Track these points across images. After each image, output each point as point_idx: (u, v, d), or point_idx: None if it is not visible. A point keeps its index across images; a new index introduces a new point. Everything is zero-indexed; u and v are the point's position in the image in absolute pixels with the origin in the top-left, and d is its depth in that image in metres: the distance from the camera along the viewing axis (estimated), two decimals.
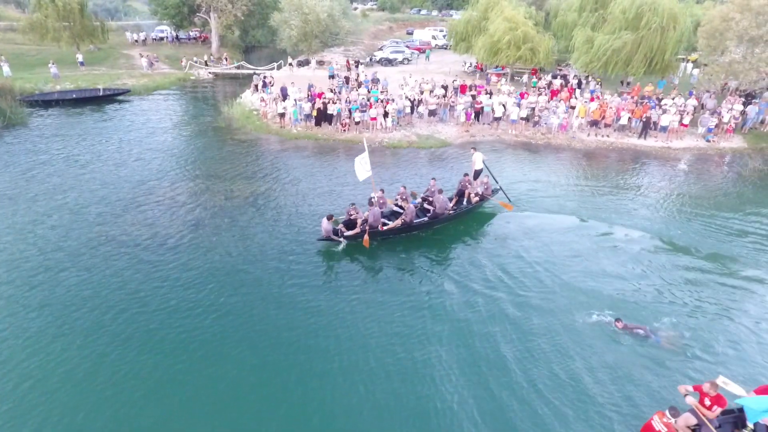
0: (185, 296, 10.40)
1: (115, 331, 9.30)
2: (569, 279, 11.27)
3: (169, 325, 9.49)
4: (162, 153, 19.71)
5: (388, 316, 9.93)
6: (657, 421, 6.65)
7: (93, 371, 8.33)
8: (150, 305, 10.07)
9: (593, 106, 22.95)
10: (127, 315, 9.76)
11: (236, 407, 7.72)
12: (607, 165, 19.55)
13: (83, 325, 9.42)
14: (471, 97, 24.56)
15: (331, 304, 10.24)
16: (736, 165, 19.81)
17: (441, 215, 13.47)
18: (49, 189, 15.71)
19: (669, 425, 6.54)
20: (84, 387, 8.01)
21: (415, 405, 7.79)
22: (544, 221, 14.34)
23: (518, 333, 9.47)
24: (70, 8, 34.46)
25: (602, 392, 8.08)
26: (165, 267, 11.46)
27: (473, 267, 11.82)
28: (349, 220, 12.80)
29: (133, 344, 8.96)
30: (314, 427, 7.43)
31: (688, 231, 13.82)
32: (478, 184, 15.10)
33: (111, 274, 11.11)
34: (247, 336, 9.29)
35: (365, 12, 71.17)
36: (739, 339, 9.43)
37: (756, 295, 10.94)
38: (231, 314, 9.89)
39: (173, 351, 8.83)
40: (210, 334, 9.30)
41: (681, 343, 9.15)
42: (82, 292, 10.44)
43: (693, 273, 11.70)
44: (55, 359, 8.56)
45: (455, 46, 36.73)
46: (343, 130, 22.34)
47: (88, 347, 8.85)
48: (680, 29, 25.44)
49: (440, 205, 13.27)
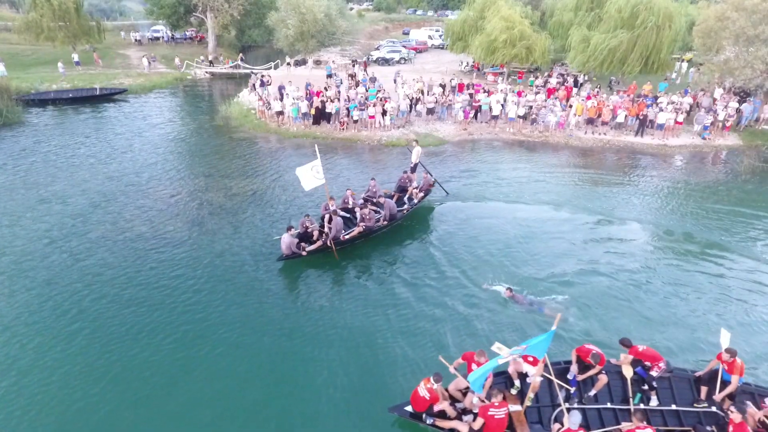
0: (176, 293, 10.42)
1: (110, 327, 9.32)
2: (497, 260, 11.93)
3: (165, 320, 9.51)
4: (159, 151, 19.70)
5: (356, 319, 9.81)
6: (422, 387, 6.83)
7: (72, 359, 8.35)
8: (138, 301, 10.09)
9: (590, 104, 23.10)
10: (110, 310, 9.79)
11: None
12: (603, 161, 19.70)
13: (78, 319, 9.44)
14: (468, 95, 24.65)
15: (299, 322, 9.73)
16: (732, 162, 20.01)
17: (396, 216, 13.10)
18: (45, 186, 15.66)
19: (431, 390, 6.75)
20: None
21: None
22: (482, 209, 14.91)
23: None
24: (66, 8, 34.33)
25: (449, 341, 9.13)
26: (161, 264, 11.46)
27: (423, 261, 11.98)
28: (305, 232, 11.96)
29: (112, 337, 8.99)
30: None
31: (678, 222, 14.05)
32: (415, 179, 14.94)
33: (103, 271, 11.11)
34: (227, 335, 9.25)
35: (361, 12, 71.23)
36: (632, 315, 9.92)
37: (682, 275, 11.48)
38: (232, 307, 9.92)
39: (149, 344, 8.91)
40: (202, 329, 9.32)
41: (563, 315, 9.47)
42: (79, 287, 10.44)
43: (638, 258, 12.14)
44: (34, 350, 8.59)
45: (452, 46, 36.84)
46: (341, 129, 22.36)
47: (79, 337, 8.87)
48: (675, 28, 25.67)
49: (389, 207, 12.79)
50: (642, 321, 9.79)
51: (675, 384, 7.58)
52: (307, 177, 12.01)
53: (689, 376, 7.70)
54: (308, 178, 12.02)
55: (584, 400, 7.32)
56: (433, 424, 6.83)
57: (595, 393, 7.36)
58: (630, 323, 9.65)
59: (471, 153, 20.47)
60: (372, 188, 13.94)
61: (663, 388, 7.51)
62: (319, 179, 12.14)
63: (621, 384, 7.43)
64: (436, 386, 6.82)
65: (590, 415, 7.16)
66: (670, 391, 7.53)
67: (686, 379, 7.67)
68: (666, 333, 9.41)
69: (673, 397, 7.46)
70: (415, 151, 16.33)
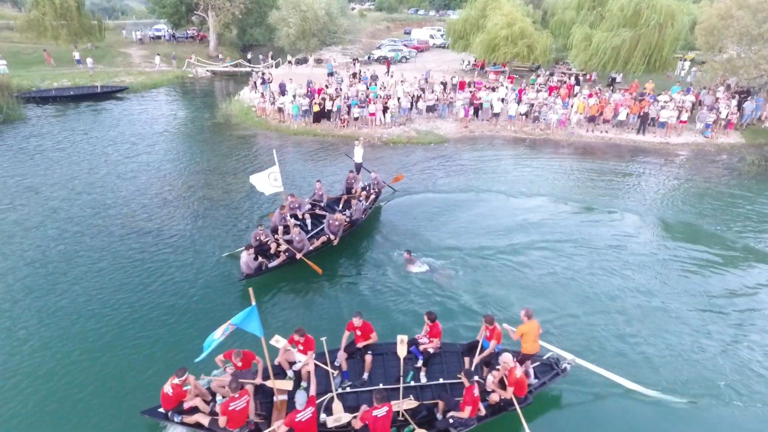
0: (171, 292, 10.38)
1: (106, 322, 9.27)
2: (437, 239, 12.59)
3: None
4: (159, 148, 19.66)
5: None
6: (167, 385, 6.50)
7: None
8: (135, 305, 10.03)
9: (592, 102, 23.01)
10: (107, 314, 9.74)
11: None
12: (603, 159, 19.61)
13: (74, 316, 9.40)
14: (469, 93, 24.59)
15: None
16: (734, 160, 19.89)
17: (358, 219, 12.40)
18: (45, 182, 15.62)
19: (175, 386, 6.43)
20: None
21: None
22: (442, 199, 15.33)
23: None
24: (68, 6, 34.38)
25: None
26: (158, 261, 11.42)
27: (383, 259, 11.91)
28: (259, 246, 10.80)
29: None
30: None
31: (673, 214, 14.08)
32: (361, 179, 14.56)
33: (101, 269, 11.05)
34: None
35: (363, 12, 71.18)
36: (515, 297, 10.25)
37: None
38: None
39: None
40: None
41: (451, 283, 10.64)
42: (76, 286, 10.40)
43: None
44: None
45: (453, 45, 36.82)
46: (341, 126, 22.31)
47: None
48: (678, 26, 25.57)
49: (329, 223, 11.77)
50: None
51: (445, 358, 7.95)
52: (263, 184, 11.41)
53: (457, 349, 8.08)
54: (265, 185, 11.42)
55: (357, 383, 7.47)
56: (181, 421, 6.53)
57: (367, 375, 7.58)
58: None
59: (471, 150, 20.40)
60: (318, 191, 13.19)
61: (435, 363, 7.85)
62: (277, 186, 11.59)
63: (396, 364, 7.57)
64: (181, 380, 6.45)
65: (364, 397, 7.22)
66: (441, 366, 7.86)
67: (455, 352, 8.05)
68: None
69: (443, 371, 7.74)
70: (357, 151, 15.69)
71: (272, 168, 11.58)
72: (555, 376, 7.59)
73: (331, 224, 11.53)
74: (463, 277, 10.91)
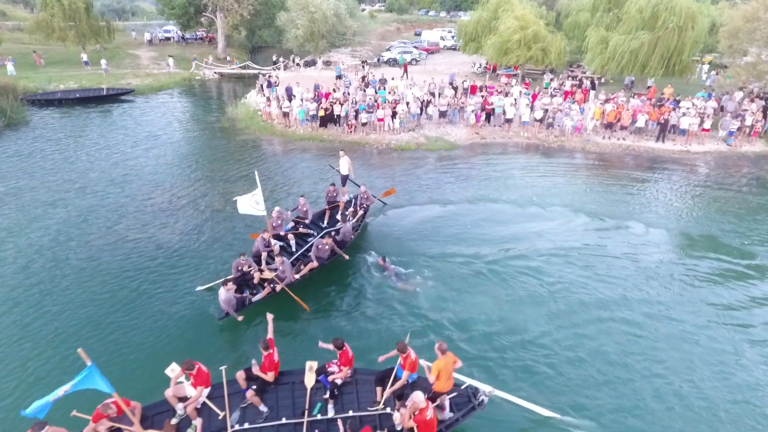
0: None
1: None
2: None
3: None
4: (164, 152, 19.27)
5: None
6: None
7: None
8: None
9: (609, 107, 22.14)
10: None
11: None
12: (620, 167, 18.74)
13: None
14: (481, 98, 23.83)
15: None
16: (761, 170, 18.88)
17: (347, 242, 11.48)
18: (48, 186, 15.29)
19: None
20: None
21: None
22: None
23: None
24: (76, 8, 34.30)
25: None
26: (157, 264, 10.91)
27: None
28: (241, 276, 9.93)
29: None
30: None
31: (694, 226, 13.15)
32: (345, 193, 14.00)
33: (105, 272, 10.60)
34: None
35: (372, 13, 70.71)
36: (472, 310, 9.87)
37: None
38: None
39: None
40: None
41: (411, 294, 10.31)
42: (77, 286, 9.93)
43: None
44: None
45: (464, 47, 35.97)
46: (349, 132, 21.71)
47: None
48: (698, 29, 24.56)
49: (344, 232, 11.44)
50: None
51: (358, 387, 7.24)
52: (247, 207, 10.67)
53: (372, 377, 7.32)
54: (249, 208, 10.68)
55: (257, 419, 6.71)
56: None
57: (266, 410, 6.80)
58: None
59: (482, 157, 19.65)
60: (302, 207, 12.23)
61: (346, 393, 7.11)
62: (260, 210, 10.68)
63: (303, 395, 6.98)
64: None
65: None
66: (353, 395, 7.12)
67: (368, 381, 7.31)
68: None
69: (355, 402, 7.03)
70: (342, 162, 14.51)
71: (255, 191, 10.73)
72: (471, 410, 6.89)
73: (320, 249, 10.61)
74: (447, 291, 10.43)
